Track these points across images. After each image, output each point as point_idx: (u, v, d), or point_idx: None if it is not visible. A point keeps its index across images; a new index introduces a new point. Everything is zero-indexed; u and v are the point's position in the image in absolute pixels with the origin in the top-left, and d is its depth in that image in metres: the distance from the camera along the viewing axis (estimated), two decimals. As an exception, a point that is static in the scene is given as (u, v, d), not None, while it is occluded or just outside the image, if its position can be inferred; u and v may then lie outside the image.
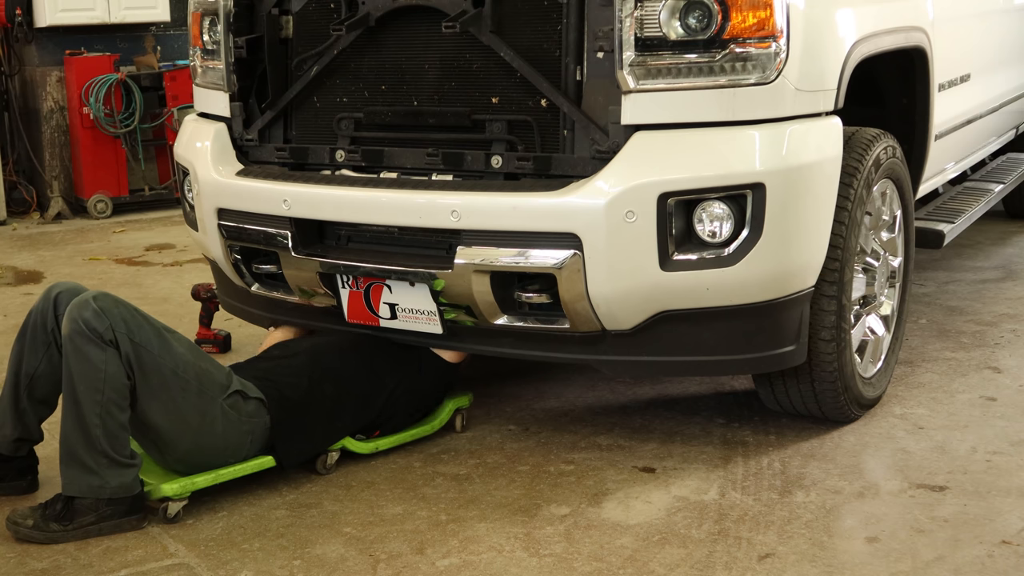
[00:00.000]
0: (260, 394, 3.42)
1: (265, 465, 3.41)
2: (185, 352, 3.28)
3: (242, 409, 3.35)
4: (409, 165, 3.59)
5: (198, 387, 3.26)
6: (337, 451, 3.55)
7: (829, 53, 3.35)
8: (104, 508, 3.14)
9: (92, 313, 3.14)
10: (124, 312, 3.20)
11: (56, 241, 7.58)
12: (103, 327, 3.13)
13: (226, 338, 4.79)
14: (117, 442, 3.15)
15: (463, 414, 3.86)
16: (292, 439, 3.45)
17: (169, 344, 3.25)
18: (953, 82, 4.46)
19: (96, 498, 3.13)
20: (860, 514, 3.18)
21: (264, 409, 3.41)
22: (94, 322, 3.12)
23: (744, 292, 3.27)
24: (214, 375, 3.33)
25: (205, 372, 3.30)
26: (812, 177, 3.30)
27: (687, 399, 4.09)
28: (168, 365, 3.21)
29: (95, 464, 3.12)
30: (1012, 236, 6.46)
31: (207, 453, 3.32)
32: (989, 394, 4.04)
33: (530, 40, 3.38)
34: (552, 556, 3.00)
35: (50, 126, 8.41)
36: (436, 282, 3.41)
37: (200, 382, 3.27)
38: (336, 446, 3.54)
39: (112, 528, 3.15)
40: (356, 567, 2.98)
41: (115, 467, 3.14)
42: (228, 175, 3.85)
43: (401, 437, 3.70)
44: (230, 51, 3.86)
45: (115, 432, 3.14)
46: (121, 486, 3.15)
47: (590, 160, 3.28)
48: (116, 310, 3.18)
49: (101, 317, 3.14)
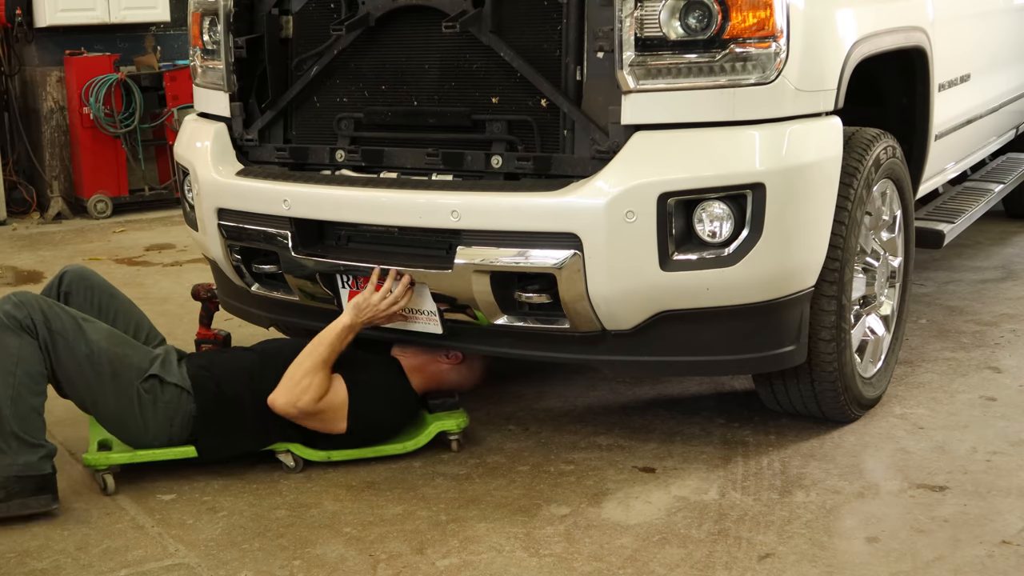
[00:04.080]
0: (184, 382, 3.49)
1: (187, 454, 3.49)
2: (100, 339, 3.44)
3: (158, 394, 3.46)
4: (409, 165, 3.59)
5: (111, 371, 3.42)
6: (285, 452, 3.53)
7: (829, 53, 3.35)
8: (13, 485, 3.25)
9: (12, 305, 3.36)
10: (42, 304, 3.41)
11: (56, 241, 7.58)
12: (21, 315, 3.33)
13: (226, 338, 4.78)
14: (27, 424, 3.28)
15: (459, 438, 3.66)
16: (215, 432, 3.50)
17: (84, 332, 3.42)
18: (953, 82, 4.46)
19: (4, 476, 3.23)
20: (860, 514, 3.18)
21: (188, 397, 3.47)
22: (13, 311, 3.34)
23: (744, 292, 3.27)
24: (131, 360, 3.47)
25: (120, 357, 3.45)
26: (812, 177, 3.30)
27: (687, 399, 4.09)
28: (83, 351, 3.39)
29: (4, 444, 3.26)
30: (1012, 236, 6.46)
31: (131, 433, 3.48)
32: (989, 394, 4.04)
33: (530, 40, 3.38)
34: (552, 556, 3.00)
35: (50, 126, 8.41)
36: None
37: (113, 367, 3.43)
38: (282, 447, 3.53)
39: (20, 507, 3.25)
40: (356, 567, 2.98)
41: (24, 447, 3.27)
42: (228, 175, 3.85)
43: (363, 452, 3.58)
44: (230, 51, 3.86)
45: (25, 414, 3.28)
46: (27, 465, 3.26)
47: (590, 160, 3.28)
48: (35, 302, 3.39)
49: (20, 307, 3.35)
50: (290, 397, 3.46)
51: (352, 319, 3.55)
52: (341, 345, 3.56)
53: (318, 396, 3.47)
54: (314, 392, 3.46)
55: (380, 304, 3.52)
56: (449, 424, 3.64)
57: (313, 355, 3.51)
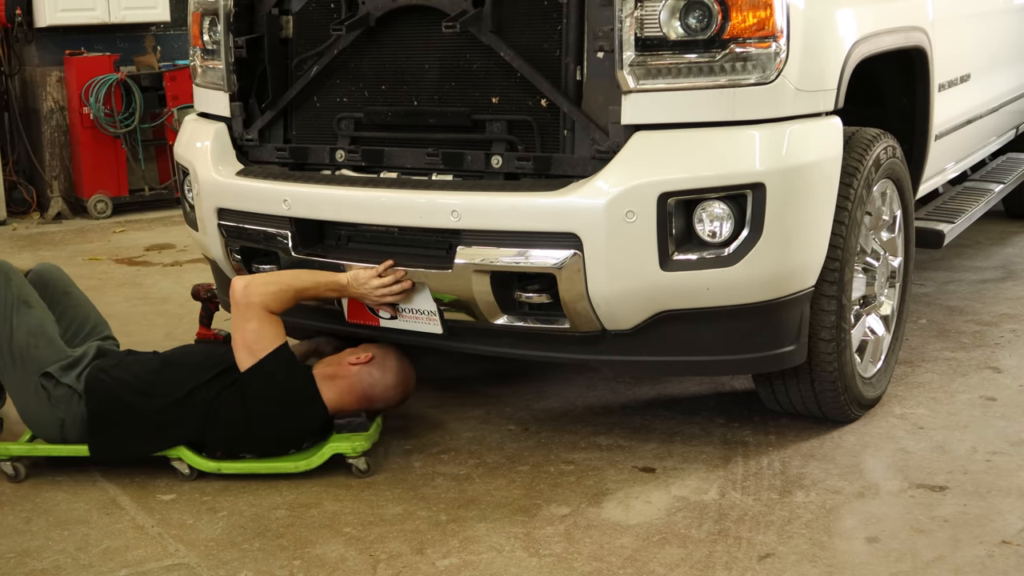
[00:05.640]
0: (78, 384, 3.54)
1: (80, 452, 3.54)
2: (23, 327, 3.59)
3: (51, 392, 3.54)
4: (409, 165, 3.59)
5: (21, 360, 3.57)
6: (178, 459, 3.51)
7: (829, 53, 3.35)
8: None
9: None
10: (5, 273, 3.62)
11: (56, 241, 7.58)
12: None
13: (226, 338, 4.78)
14: None
15: (361, 462, 3.46)
16: (107, 434, 3.52)
17: (14, 316, 3.59)
18: (953, 82, 4.46)
19: None
20: (860, 514, 3.18)
21: (79, 400, 3.52)
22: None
23: (744, 292, 3.27)
24: (39, 354, 3.57)
25: (30, 348, 3.58)
26: (812, 177, 3.30)
27: (687, 399, 4.09)
28: (5, 332, 3.58)
29: None
30: (1012, 236, 6.46)
31: (31, 423, 3.62)
32: (989, 394, 4.03)
33: (530, 40, 3.38)
34: (552, 556, 3.00)
35: (50, 126, 8.41)
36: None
37: (21, 357, 3.57)
38: (174, 454, 3.51)
39: None
40: (356, 567, 2.98)
41: None
42: (228, 175, 3.85)
43: (254, 467, 3.50)
44: (230, 51, 3.86)
45: None
46: None
47: (590, 160, 3.28)
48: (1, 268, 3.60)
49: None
50: (251, 286, 3.50)
51: (347, 282, 3.57)
52: (319, 290, 3.58)
53: (267, 305, 3.48)
54: (269, 299, 3.49)
55: (376, 288, 3.51)
56: (344, 447, 3.47)
57: (297, 276, 3.58)
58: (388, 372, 3.65)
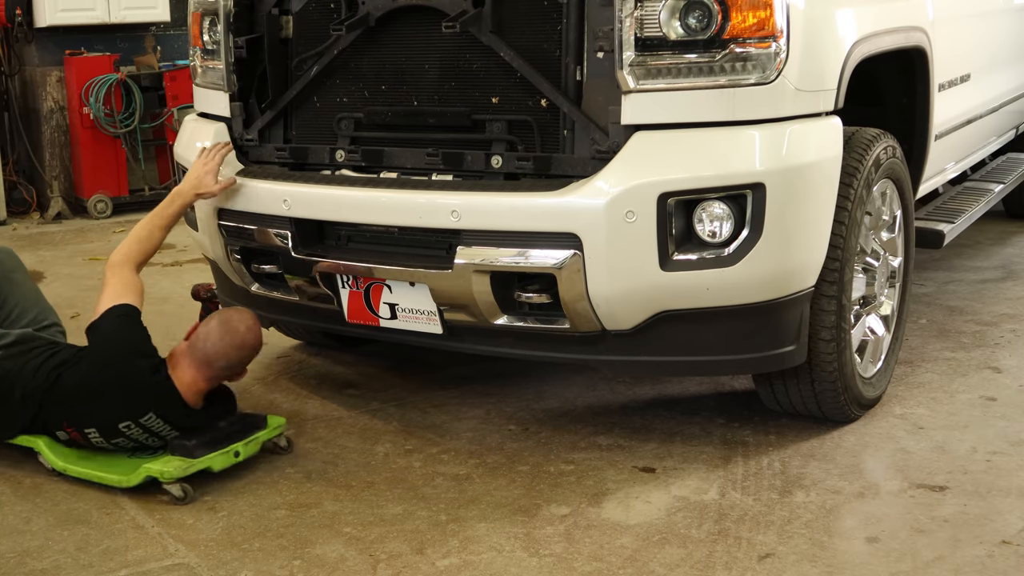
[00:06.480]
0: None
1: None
2: None
3: None
4: (409, 165, 3.59)
5: None
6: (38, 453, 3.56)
7: (829, 53, 3.35)
8: None
9: None
10: None
11: (56, 241, 7.58)
12: None
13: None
14: None
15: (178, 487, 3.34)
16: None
17: None
18: (953, 82, 4.46)
19: None
20: (860, 514, 3.18)
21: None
22: None
23: (744, 292, 3.27)
24: None
25: None
26: (812, 177, 3.30)
27: (687, 399, 4.09)
28: None
29: None
30: (1012, 236, 6.46)
31: None
32: (989, 394, 4.04)
33: (530, 40, 3.38)
34: (552, 556, 3.00)
35: (50, 126, 8.41)
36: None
37: None
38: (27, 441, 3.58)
39: None
40: (356, 567, 2.98)
41: None
42: (228, 175, 3.84)
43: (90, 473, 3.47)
44: (230, 51, 3.86)
45: None
46: None
47: (590, 160, 3.28)
48: None
49: None
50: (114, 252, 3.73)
51: (182, 186, 3.79)
52: (166, 211, 3.78)
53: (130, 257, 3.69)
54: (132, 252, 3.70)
55: (201, 169, 3.77)
56: (154, 468, 3.37)
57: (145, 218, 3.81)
58: (219, 327, 3.52)
